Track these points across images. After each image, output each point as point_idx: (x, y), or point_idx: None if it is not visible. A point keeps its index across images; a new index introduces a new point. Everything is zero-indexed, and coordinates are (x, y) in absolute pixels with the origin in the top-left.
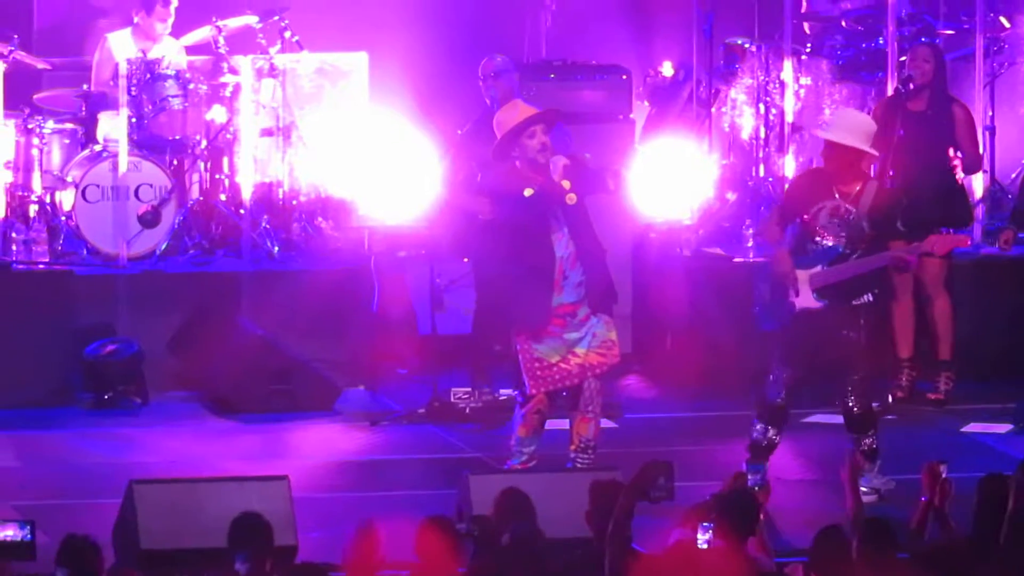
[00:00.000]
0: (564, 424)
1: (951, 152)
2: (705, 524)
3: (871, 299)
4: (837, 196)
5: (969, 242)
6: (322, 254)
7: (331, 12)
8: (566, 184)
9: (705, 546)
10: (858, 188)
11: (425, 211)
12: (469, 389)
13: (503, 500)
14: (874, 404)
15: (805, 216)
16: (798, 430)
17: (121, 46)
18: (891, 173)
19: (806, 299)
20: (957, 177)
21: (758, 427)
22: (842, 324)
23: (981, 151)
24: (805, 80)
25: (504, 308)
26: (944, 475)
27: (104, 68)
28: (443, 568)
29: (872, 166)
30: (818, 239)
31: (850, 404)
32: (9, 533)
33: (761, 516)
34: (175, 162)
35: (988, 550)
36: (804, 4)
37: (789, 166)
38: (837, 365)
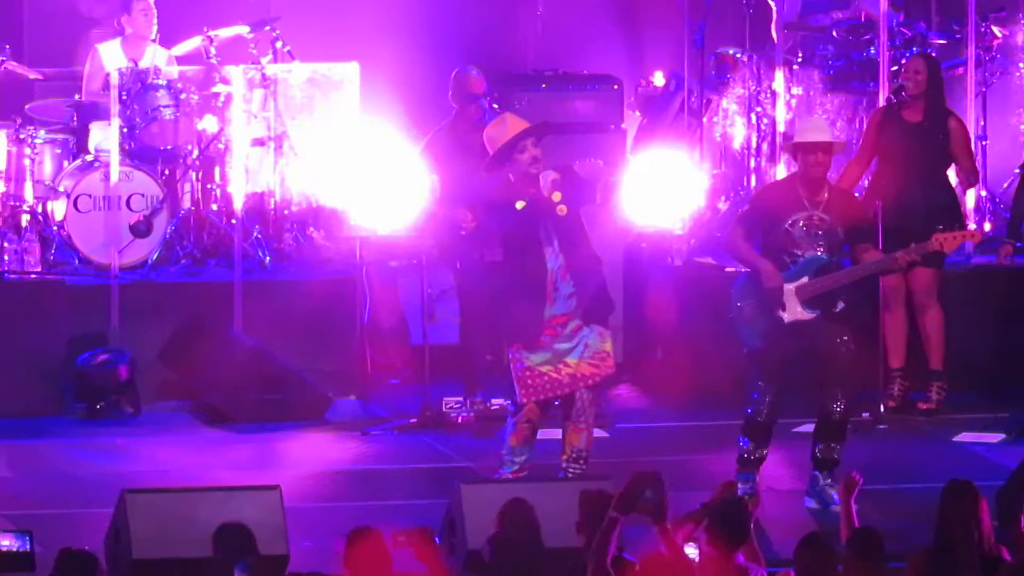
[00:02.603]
0: (557, 434)
1: (947, 164)
2: (692, 542)
3: (844, 306)
4: (807, 206)
5: (980, 236)
6: (313, 264)
7: (322, 23)
8: (556, 197)
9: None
10: (826, 196)
11: (415, 221)
12: (461, 399)
13: (507, 511)
14: (864, 414)
15: (779, 229)
16: (788, 439)
17: (111, 56)
18: (883, 183)
19: (795, 312)
20: (952, 189)
21: (744, 443)
22: (834, 333)
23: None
24: (796, 90)
25: (496, 319)
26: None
27: (95, 78)
28: None
29: (863, 175)
30: (797, 251)
31: (836, 410)
32: (6, 543)
33: (751, 525)
34: (166, 172)
35: (957, 556)
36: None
37: (780, 176)
38: (825, 373)
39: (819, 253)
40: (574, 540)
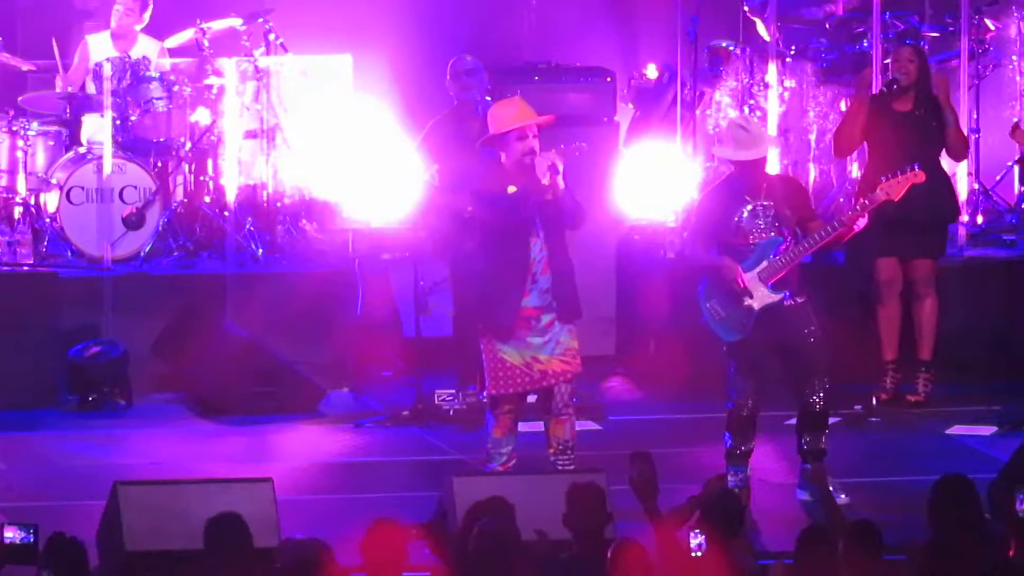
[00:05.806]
0: (535, 427)
1: (940, 151)
2: (695, 532)
3: (805, 299)
4: (748, 198)
5: (924, 176)
6: (306, 256)
7: (315, 15)
8: (548, 181)
9: (698, 553)
10: (765, 184)
11: (409, 212)
12: (453, 391)
13: (484, 506)
14: (857, 407)
15: (729, 227)
16: (779, 431)
17: (100, 48)
18: (877, 175)
19: (763, 297)
20: (947, 175)
21: (728, 439)
22: (801, 323)
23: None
24: (789, 83)
25: (475, 306)
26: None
27: (79, 69)
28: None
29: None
30: (752, 240)
31: (815, 401)
32: (10, 535)
33: (743, 517)
34: (159, 164)
35: (955, 551)
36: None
37: (773, 168)
38: (799, 365)
39: (773, 236)
40: (564, 533)
